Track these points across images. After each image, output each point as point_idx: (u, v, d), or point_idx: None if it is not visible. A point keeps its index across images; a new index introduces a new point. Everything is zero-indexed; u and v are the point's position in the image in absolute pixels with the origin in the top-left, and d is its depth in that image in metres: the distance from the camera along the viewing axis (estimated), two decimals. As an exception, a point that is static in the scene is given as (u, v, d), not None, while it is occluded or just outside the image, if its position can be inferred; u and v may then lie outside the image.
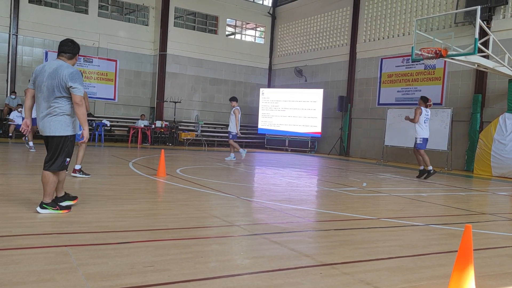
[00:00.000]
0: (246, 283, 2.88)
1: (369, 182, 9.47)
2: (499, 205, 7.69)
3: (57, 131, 4.50)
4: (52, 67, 4.52)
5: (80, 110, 4.52)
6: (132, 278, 2.82)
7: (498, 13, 14.05)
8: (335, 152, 19.27)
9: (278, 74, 23.40)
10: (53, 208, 4.57)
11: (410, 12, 17.02)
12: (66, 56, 4.66)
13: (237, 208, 5.67)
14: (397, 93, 17.17)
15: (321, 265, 3.37)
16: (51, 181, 4.55)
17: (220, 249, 3.71)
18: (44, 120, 4.51)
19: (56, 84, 4.45)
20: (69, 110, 4.55)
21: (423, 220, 5.53)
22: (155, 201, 5.99)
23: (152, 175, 8.25)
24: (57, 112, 4.48)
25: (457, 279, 2.73)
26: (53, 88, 4.45)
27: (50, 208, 4.56)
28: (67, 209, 4.67)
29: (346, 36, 19.68)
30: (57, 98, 4.47)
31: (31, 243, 3.46)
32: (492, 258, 3.88)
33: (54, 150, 4.53)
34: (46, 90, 4.47)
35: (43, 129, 4.55)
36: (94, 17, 19.59)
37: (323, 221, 5.21)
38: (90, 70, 19.56)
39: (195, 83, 21.55)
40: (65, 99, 4.51)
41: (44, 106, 4.50)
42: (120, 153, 13.37)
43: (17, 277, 2.70)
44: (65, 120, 4.52)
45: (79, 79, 4.53)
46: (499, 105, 13.83)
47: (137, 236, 3.92)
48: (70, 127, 4.57)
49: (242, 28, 23.72)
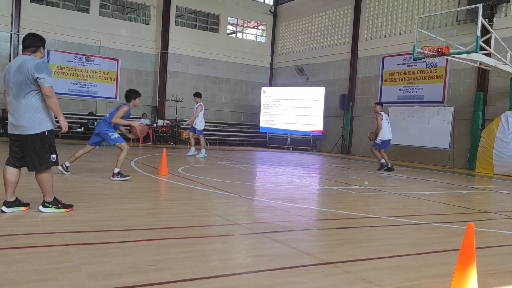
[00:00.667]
0: (248, 281, 2.88)
1: (370, 180, 9.47)
2: (501, 203, 7.67)
3: (31, 129, 4.30)
4: (17, 63, 4.35)
5: (52, 101, 4.32)
6: (134, 277, 2.82)
7: (500, 11, 14.02)
8: (337, 150, 19.26)
9: (280, 73, 23.39)
10: (55, 207, 4.53)
11: (412, 10, 16.98)
12: (30, 50, 4.46)
13: (239, 206, 5.67)
14: (398, 91, 17.15)
15: (323, 263, 3.36)
16: (45, 179, 4.44)
17: (222, 247, 3.71)
18: (16, 119, 4.32)
19: (23, 79, 4.26)
20: (40, 105, 4.35)
21: (425, 218, 5.53)
22: (157, 200, 5.99)
23: (154, 174, 8.25)
24: (29, 109, 4.29)
25: (460, 277, 2.73)
26: (20, 84, 4.27)
27: (52, 206, 4.52)
28: (69, 208, 4.65)
29: (347, 34, 19.65)
30: (26, 94, 4.29)
31: (33, 242, 3.47)
32: (494, 257, 3.87)
33: (32, 149, 4.33)
34: (14, 87, 4.31)
35: (17, 128, 4.34)
36: (96, 16, 19.60)
37: (325, 220, 5.21)
38: (92, 69, 19.58)
39: (197, 81, 21.55)
40: (35, 93, 4.32)
41: (15, 104, 4.32)
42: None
43: (19, 276, 2.71)
44: (39, 116, 4.33)
45: (46, 70, 4.30)
46: (501, 103, 13.79)
47: (139, 235, 3.92)
48: (45, 122, 4.37)
49: (244, 27, 23.70)
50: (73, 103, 19.40)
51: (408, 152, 16.32)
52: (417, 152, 15.99)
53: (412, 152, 16.16)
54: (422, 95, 16.25)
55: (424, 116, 15.01)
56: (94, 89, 19.66)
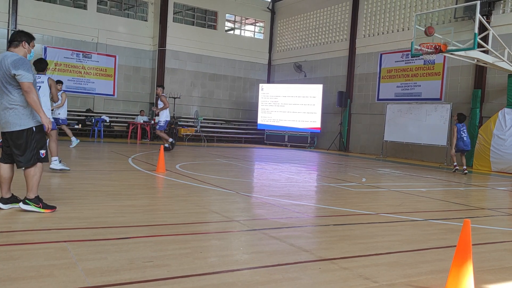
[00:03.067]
0: (245, 278, 2.89)
1: (368, 177, 9.48)
2: (498, 200, 7.70)
3: (16, 125, 4.26)
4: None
5: (30, 98, 4.20)
6: (131, 273, 2.82)
7: (497, 8, 14.02)
8: (335, 147, 19.28)
9: (278, 70, 23.37)
10: (35, 205, 4.36)
11: (410, 7, 16.97)
12: (13, 45, 4.40)
13: (236, 203, 5.68)
14: (396, 88, 17.15)
15: (320, 260, 3.37)
16: (31, 174, 4.36)
17: (219, 244, 3.72)
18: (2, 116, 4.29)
19: (1, 75, 4.22)
20: (23, 101, 4.28)
21: (422, 215, 5.54)
22: (154, 197, 5.99)
23: (152, 171, 8.25)
24: (12, 106, 4.24)
25: (456, 273, 2.74)
26: (1, 81, 4.24)
27: (33, 204, 4.36)
28: (51, 209, 4.43)
29: (345, 31, 19.64)
30: (8, 91, 4.24)
31: (30, 239, 3.47)
32: (490, 253, 3.89)
33: (19, 145, 4.29)
34: None
35: (5, 125, 4.31)
36: (93, 13, 19.52)
37: (322, 217, 5.22)
38: (89, 65, 19.52)
39: (195, 78, 21.52)
40: (16, 90, 4.26)
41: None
42: (120, 148, 13.36)
43: (16, 273, 2.71)
44: (22, 113, 4.27)
45: (23, 66, 4.20)
46: (498, 100, 13.82)
47: (136, 231, 3.92)
48: (31, 118, 4.32)
49: (242, 24, 23.65)
50: (71, 100, 19.23)
51: (405, 149, 16.34)
52: (415, 149, 16.02)
53: (409, 149, 16.19)
54: (420, 92, 16.27)
55: (421, 113, 15.03)
56: (92, 86, 19.61)
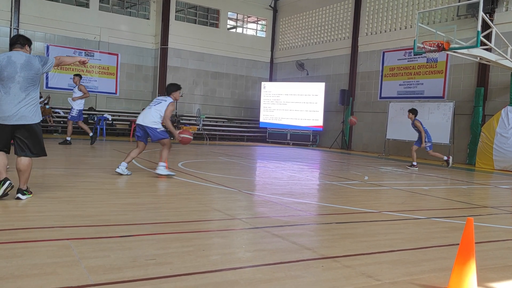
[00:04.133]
0: (248, 276, 2.89)
1: (370, 175, 9.47)
2: (501, 198, 7.68)
3: (36, 118, 4.75)
4: (22, 58, 4.69)
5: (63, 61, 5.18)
6: (134, 271, 2.82)
7: (501, 5, 13.97)
8: (337, 145, 19.26)
9: (280, 68, 23.34)
10: (29, 194, 4.83)
11: (413, 5, 16.91)
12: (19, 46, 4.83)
13: (238, 201, 5.68)
14: (399, 86, 17.12)
15: (322, 258, 3.37)
16: (30, 167, 4.81)
17: (222, 242, 3.72)
18: (21, 110, 4.63)
19: (31, 75, 4.70)
20: (38, 98, 4.90)
21: (425, 213, 5.54)
22: (156, 195, 6.00)
23: (154, 169, 8.24)
24: (33, 102, 4.74)
25: (459, 272, 2.73)
26: (32, 79, 4.71)
27: (28, 193, 4.81)
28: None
29: (348, 29, 19.59)
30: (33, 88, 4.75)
31: (33, 237, 3.47)
32: (493, 251, 3.88)
33: (34, 136, 4.76)
34: (24, 81, 4.65)
35: (20, 119, 4.63)
36: (95, 11, 19.53)
37: (325, 215, 5.21)
38: (92, 64, 19.52)
39: (197, 77, 21.52)
40: (37, 88, 4.84)
41: (21, 96, 4.63)
42: (122, 147, 13.38)
43: (19, 270, 2.71)
44: (38, 108, 4.84)
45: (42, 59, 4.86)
46: (501, 98, 13.77)
47: (139, 229, 3.93)
48: (40, 113, 4.87)
49: (244, 22, 23.63)
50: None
51: (408, 147, 16.28)
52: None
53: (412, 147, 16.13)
54: (422, 90, 16.23)
55: (424, 111, 14.98)
56: (94, 84, 19.62)
